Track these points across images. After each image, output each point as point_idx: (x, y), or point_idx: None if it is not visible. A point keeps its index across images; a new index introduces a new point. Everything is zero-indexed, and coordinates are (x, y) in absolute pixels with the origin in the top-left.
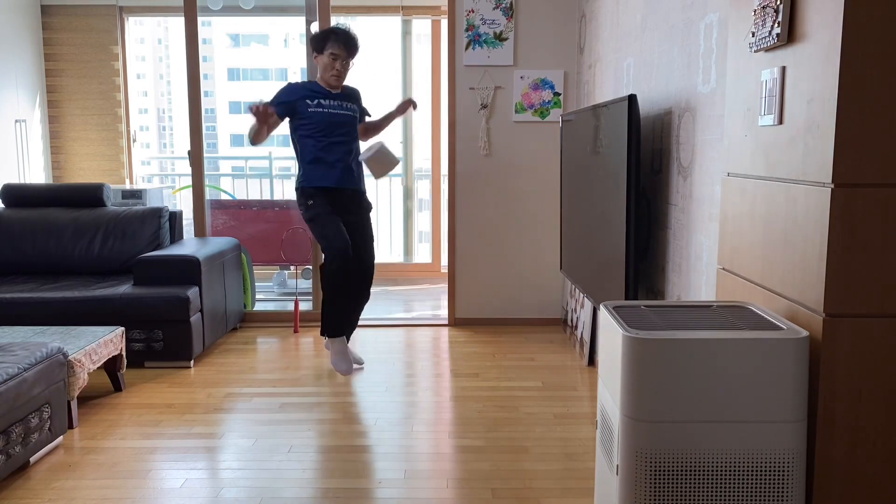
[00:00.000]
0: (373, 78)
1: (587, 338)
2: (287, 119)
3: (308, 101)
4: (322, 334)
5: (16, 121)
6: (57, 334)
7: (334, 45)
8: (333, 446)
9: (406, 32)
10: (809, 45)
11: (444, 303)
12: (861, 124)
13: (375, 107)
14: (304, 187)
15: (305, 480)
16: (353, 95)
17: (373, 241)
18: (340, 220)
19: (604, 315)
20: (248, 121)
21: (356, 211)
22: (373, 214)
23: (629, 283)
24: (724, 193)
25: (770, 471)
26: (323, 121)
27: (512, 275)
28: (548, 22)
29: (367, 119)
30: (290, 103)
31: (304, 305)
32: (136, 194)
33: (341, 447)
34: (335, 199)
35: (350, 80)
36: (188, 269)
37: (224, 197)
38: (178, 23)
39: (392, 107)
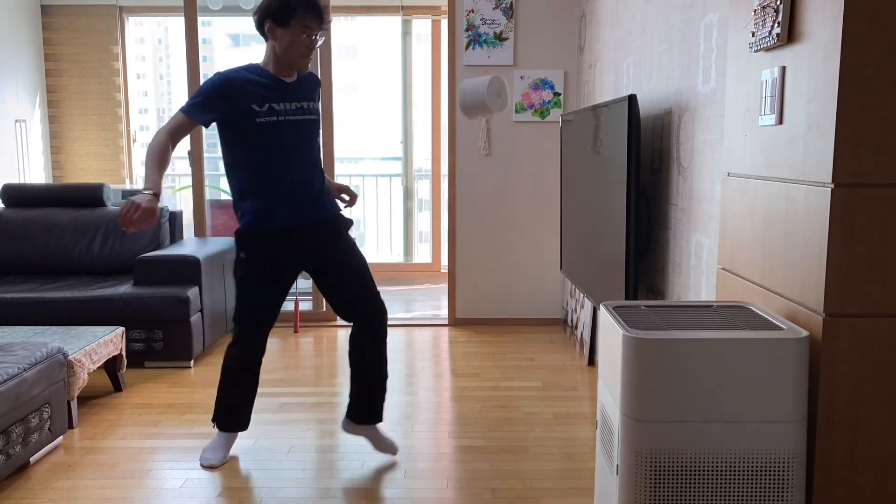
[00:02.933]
0: (373, 78)
1: (587, 338)
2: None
3: (255, 107)
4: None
5: (16, 121)
6: (57, 334)
7: (307, 13)
8: (333, 446)
9: (406, 32)
10: (809, 45)
11: (444, 303)
12: (861, 124)
13: (377, 109)
14: (249, 233)
15: (305, 480)
16: (311, 82)
17: (370, 274)
18: (279, 288)
19: (604, 315)
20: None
21: (334, 245)
22: (372, 215)
23: (629, 283)
24: (724, 193)
25: (770, 471)
26: (279, 136)
27: (512, 275)
28: (548, 22)
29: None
30: (226, 111)
31: (305, 305)
32: (136, 194)
33: (341, 447)
34: (294, 246)
35: (348, 82)
36: (188, 269)
37: (224, 197)
38: (178, 23)
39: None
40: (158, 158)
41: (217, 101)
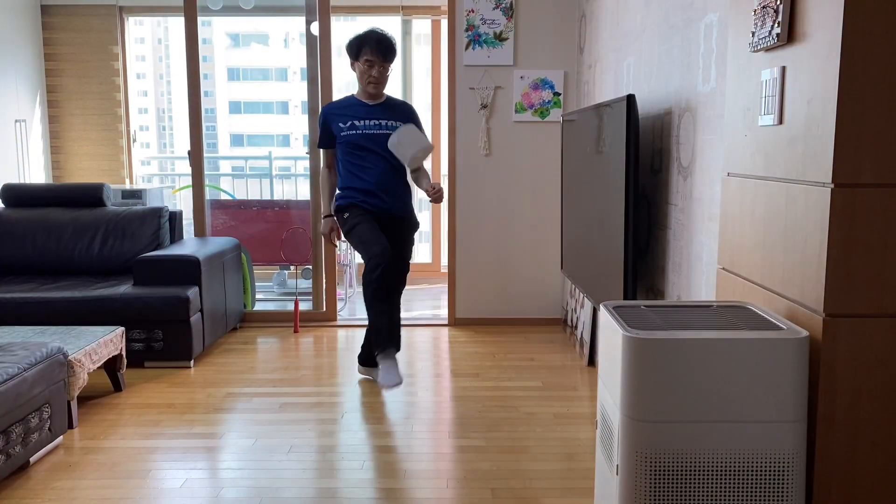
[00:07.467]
0: None
1: (587, 338)
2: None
3: (341, 125)
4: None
5: (16, 121)
6: (57, 334)
7: (368, 49)
8: (333, 446)
9: (406, 32)
10: (809, 45)
11: (444, 303)
12: (861, 124)
13: None
14: (339, 206)
15: (305, 480)
16: (401, 110)
17: (408, 256)
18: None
19: (604, 315)
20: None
21: (399, 233)
22: None
23: (629, 283)
24: (724, 193)
25: (770, 471)
26: (355, 143)
27: (512, 275)
28: (548, 22)
29: None
30: (328, 134)
31: (304, 305)
32: (136, 194)
33: (341, 447)
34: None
35: (348, 81)
36: (188, 269)
37: (224, 197)
38: (178, 23)
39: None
40: (326, 188)
41: (322, 130)
